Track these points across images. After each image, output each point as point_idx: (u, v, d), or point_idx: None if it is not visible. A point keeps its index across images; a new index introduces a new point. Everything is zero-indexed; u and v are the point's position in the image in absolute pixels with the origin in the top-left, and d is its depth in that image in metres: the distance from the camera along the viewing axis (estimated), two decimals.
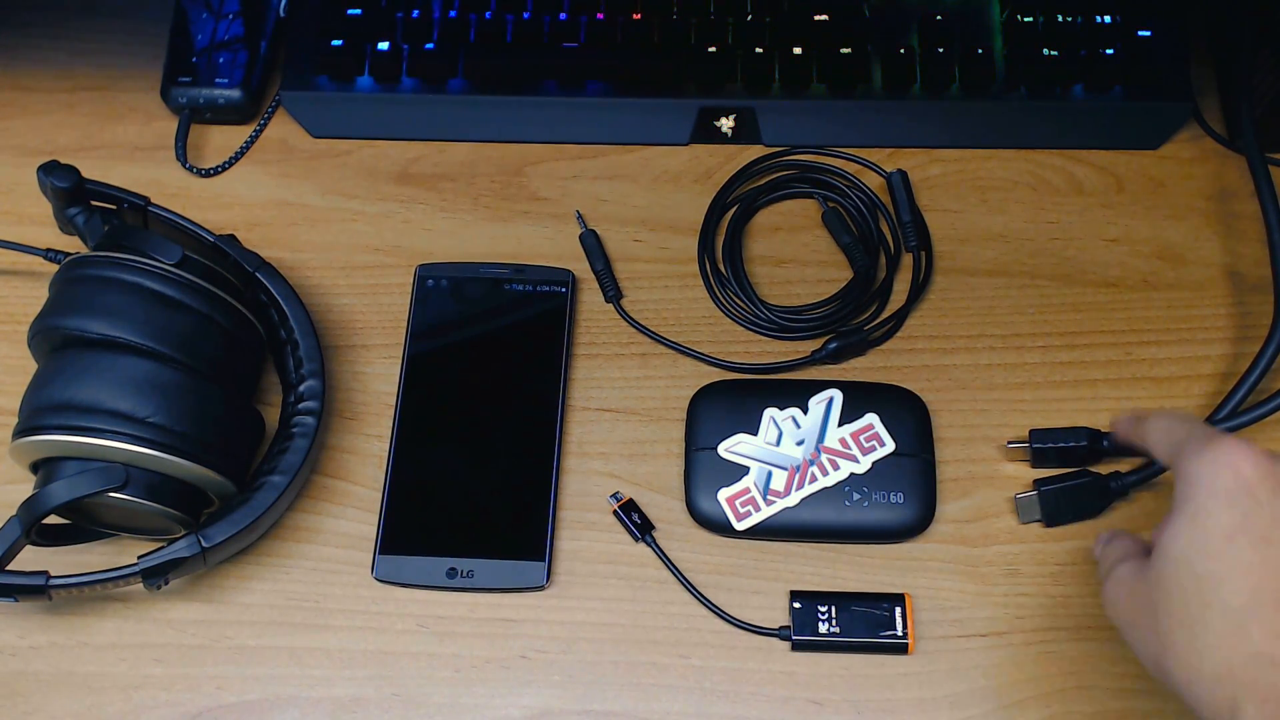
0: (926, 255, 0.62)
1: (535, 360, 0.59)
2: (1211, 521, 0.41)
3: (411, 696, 0.53)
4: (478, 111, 0.66)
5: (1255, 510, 0.40)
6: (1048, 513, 0.55)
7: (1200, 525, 0.41)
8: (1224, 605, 0.39)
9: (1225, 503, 0.41)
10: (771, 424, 0.56)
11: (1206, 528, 0.41)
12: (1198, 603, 0.40)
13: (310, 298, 0.60)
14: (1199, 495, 0.41)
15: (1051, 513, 0.55)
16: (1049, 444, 0.55)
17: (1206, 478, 0.41)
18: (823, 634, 0.52)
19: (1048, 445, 0.55)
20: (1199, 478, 0.42)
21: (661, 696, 0.52)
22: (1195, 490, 0.41)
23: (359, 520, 0.56)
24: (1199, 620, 0.40)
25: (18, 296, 0.62)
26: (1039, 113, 0.64)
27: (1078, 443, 0.55)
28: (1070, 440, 0.55)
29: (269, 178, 0.65)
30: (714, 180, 0.65)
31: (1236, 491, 0.41)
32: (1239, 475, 0.41)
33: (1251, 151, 0.60)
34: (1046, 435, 0.56)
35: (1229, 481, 0.41)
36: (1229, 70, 0.65)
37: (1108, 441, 0.55)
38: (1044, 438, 0.56)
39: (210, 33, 0.67)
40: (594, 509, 0.56)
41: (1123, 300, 0.61)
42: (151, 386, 0.50)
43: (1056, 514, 0.55)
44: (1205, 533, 0.41)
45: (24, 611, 0.54)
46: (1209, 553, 0.40)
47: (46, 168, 0.56)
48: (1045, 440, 0.56)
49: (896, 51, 0.65)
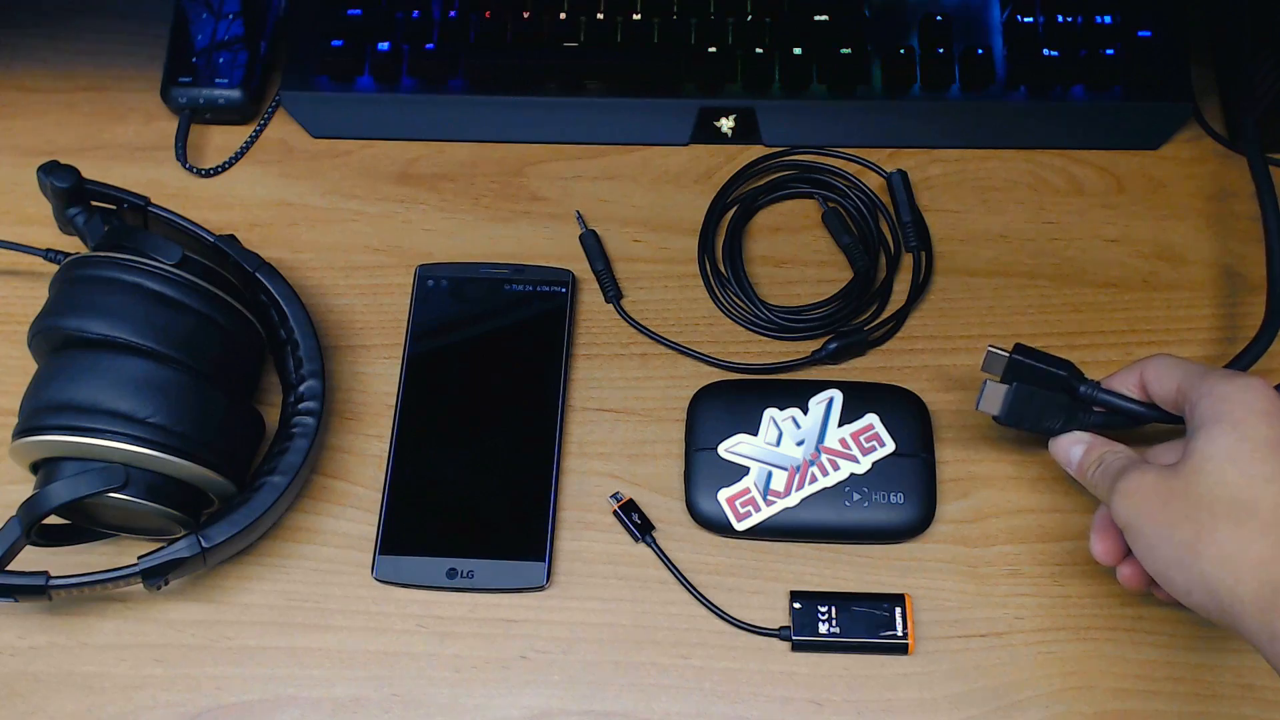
0: (926, 255, 0.62)
1: (535, 360, 0.59)
2: (1253, 433, 0.43)
3: (411, 696, 0.53)
4: (478, 111, 0.66)
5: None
6: (1011, 407, 0.51)
7: (1242, 435, 0.43)
8: (1273, 508, 0.41)
9: (1264, 420, 0.43)
10: (771, 424, 0.56)
11: (1250, 437, 0.43)
12: (1244, 507, 0.42)
13: (310, 298, 0.60)
14: (1236, 411, 0.44)
15: (1015, 409, 0.51)
16: (1029, 360, 0.52)
17: (1240, 396, 0.44)
18: (823, 634, 0.52)
19: (1027, 361, 0.52)
20: (1231, 397, 0.44)
21: (661, 696, 0.52)
22: (1232, 406, 0.44)
23: (359, 520, 0.56)
24: (1244, 523, 0.42)
25: (18, 296, 0.62)
26: (1039, 113, 0.64)
27: (1056, 369, 0.52)
28: (1051, 365, 0.52)
29: (269, 178, 0.65)
30: (714, 180, 0.65)
31: (1273, 412, 0.44)
32: (1272, 399, 0.44)
33: (1252, 152, 0.59)
34: (1029, 353, 0.52)
35: (1265, 403, 0.44)
36: (1229, 70, 0.65)
37: (1084, 388, 0.51)
38: (1026, 354, 0.52)
39: (210, 33, 0.67)
40: (594, 509, 0.56)
41: (1123, 300, 0.61)
42: (151, 387, 0.50)
43: (1019, 414, 0.51)
44: (1250, 442, 0.43)
45: (24, 611, 0.54)
46: (1256, 458, 0.43)
47: (46, 168, 0.56)
48: (1027, 356, 0.52)
49: (896, 51, 0.65)
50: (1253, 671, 0.52)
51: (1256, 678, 0.52)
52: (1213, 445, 0.44)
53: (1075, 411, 0.52)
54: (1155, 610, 0.53)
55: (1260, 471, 0.42)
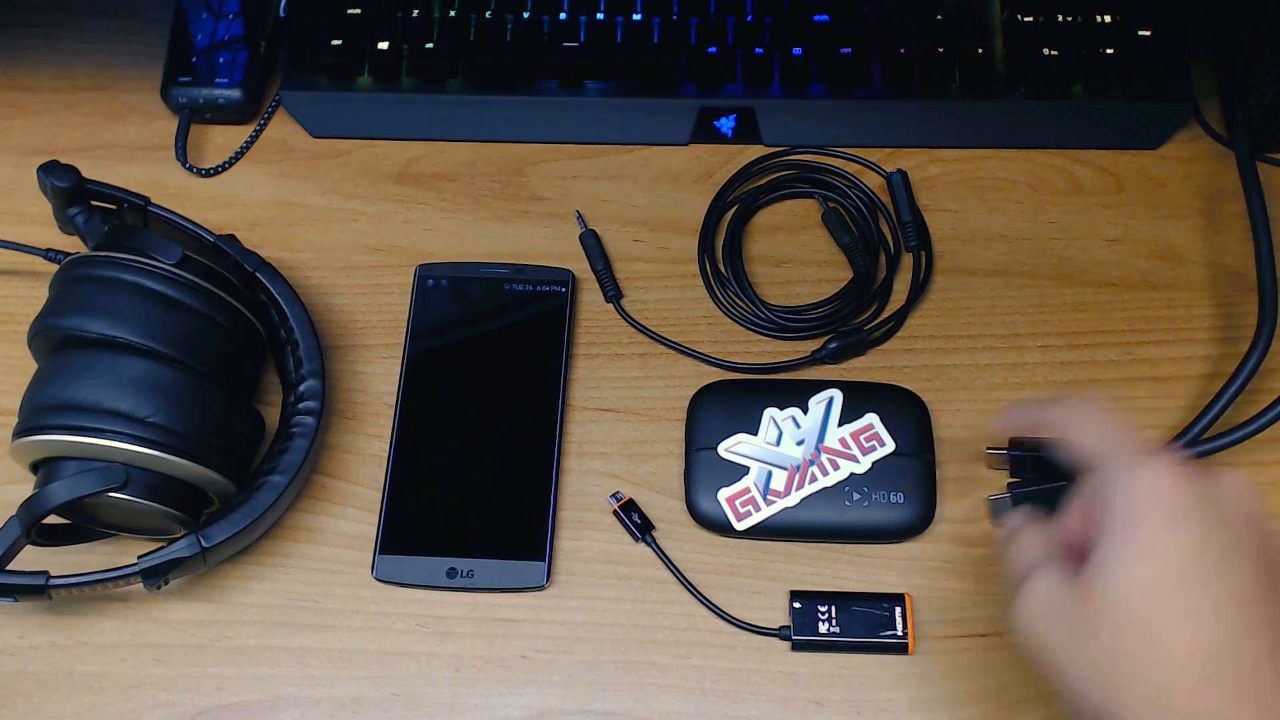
0: (926, 255, 0.62)
1: (535, 360, 0.59)
2: (1159, 559, 0.39)
3: (411, 696, 0.53)
4: (478, 111, 0.66)
5: (1202, 548, 0.39)
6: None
7: (1147, 561, 0.39)
8: (1158, 663, 0.38)
9: (1171, 535, 0.39)
10: (771, 424, 0.56)
11: (1155, 564, 0.39)
12: (1136, 653, 0.38)
13: (310, 298, 0.60)
14: (1146, 518, 0.39)
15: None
16: (1027, 453, 0.55)
17: (1150, 498, 0.40)
18: (823, 634, 0.52)
19: (1025, 454, 0.55)
20: (1141, 498, 0.40)
21: (661, 696, 0.52)
22: (1141, 511, 0.40)
23: (359, 520, 0.56)
24: (1132, 671, 0.38)
25: (18, 296, 0.62)
26: (1039, 113, 0.64)
27: (1055, 454, 0.54)
28: (1049, 450, 0.54)
29: (269, 178, 0.65)
30: (714, 180, 0.65)
31: (1179, 521, 0.39)
32: (1180, 503, 0.39)
33: (1240, 151, 0.60)
34: (1025, 444, 0.55)
35: (1171, 511, 0.39)
36: (1229, 70, 0.65)
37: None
38: (1023, 446, 0.55)
39: (210, 33, 0.67)
40: (594, 509, 0.56)
41: (1123, 300, 0.61)
42: (151, 386, 0.50)
43: None
44: (1153, 570, 0.39)
45: (24, 611, 0.54)
46: (1152, 596, 0.38)
47: (46, 168, 0.56)
48: (1024, 449, 0.55)
49: (896, 51, 0.65)
50: None
51: None
52: (1115, 572, 0.39)
53: None
54: None
55: (1153, 619, 0.38)
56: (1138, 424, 0.57)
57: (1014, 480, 0.56)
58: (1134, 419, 0.58)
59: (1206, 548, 0.39)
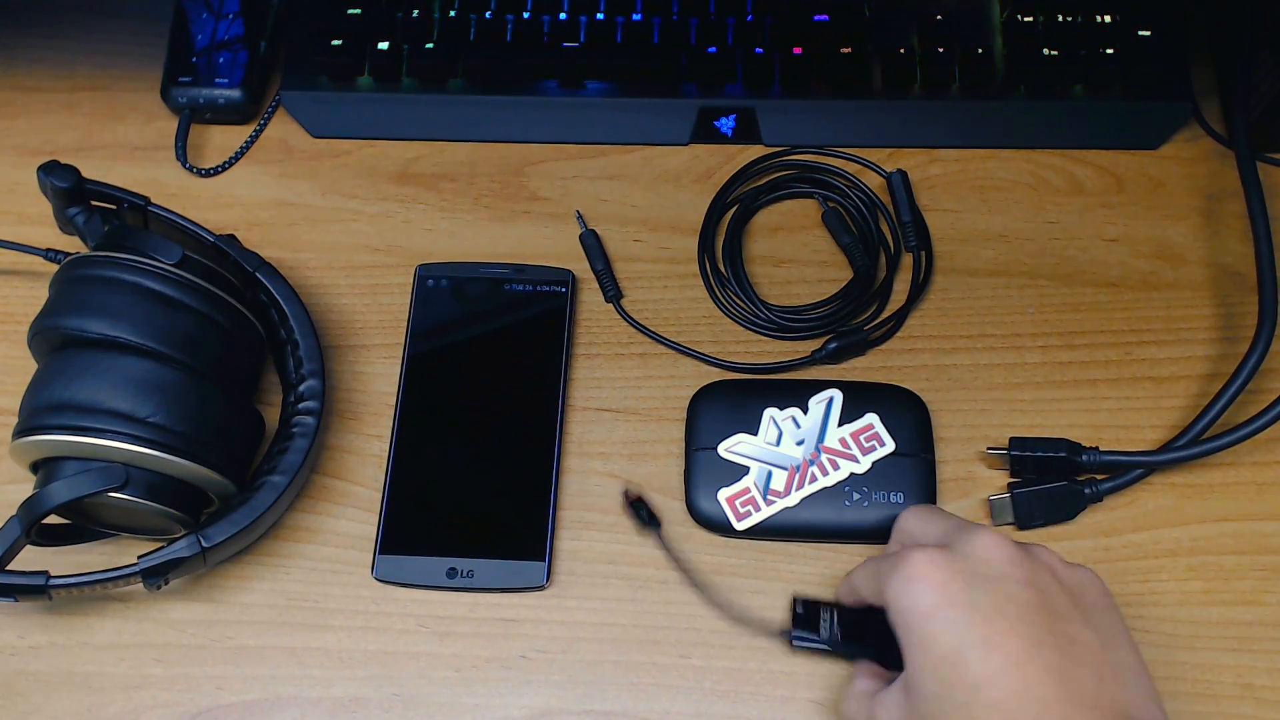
0: (926, 255, 0.62)
1: (535, 360, 0.59)
2: (932, 649, 0.42)
3: (411, 696, 0.53)
4: (478, 111, 0.66)
5: (968, 617, 0.42)
6: (1020, 515, 0.55)
7: (926, 655, 0.42)
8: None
9: (937, 625, 0.43)
10: (771, 424, 0.56)
11: (931, 655, 0.42)
12: None
13: (310, 298, 0.60)
14: (914, 624, 0.43)
15: (1024, 515, 0.55)
16: (1027, 453, 0.55)
17: (909, 601, 0.43)
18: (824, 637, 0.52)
19: (1025, 454, 0.55)
20: (903, 605, 0.44)
21: (661, 696, 0.52)
22: (908, 619, 0.43)
23: (359, 520, 0.56)
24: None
25: (18, 296, 0.62)
26: (1039, 113, 0.64)
27: (1055, 453, 0.55)
28: (1049, 450, 0.55)
29: (269, 178, 0.65)
30: (714, 180, 0.65)
31: (941, 604, 0.43)
32: (934, 585, 0.43)
33: (1240, 150, 0.60)
34: (1025, 444, 0.56)
35: (931, 597, 0.43)
36: (1229, 70, 0.65)
37: (1085, 456, 0.55)
38: (1022, 446, 0.55)
39: (210, 33, 0.67)
40: (594, 509, 0.56)
41: (1123, 300, 0.61)
42: (151, 386, 0.50)
43: (1029, 517, 0.55)
44: (934, 662, 0.42)
45: (24, 611, 0.54)
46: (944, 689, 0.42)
47: (46, 168, 0.56)
48: (1024, 449, 0.55)
49: (896, 51, 0.65)
50: (1252, 671, 0.52)
51: (1256, 677, 0.52)
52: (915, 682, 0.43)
53: (1081, 489, 0.55)
54: (1155, 610, 0.53)
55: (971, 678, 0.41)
56: (1137, 424, 0.57)
57: (1014, 480, 0.56)
58: (1134, 419, 0.58)
59: (971, 618, 0.42)
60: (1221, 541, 0.55)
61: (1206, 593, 0.54)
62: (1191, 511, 0.55)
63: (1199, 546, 0.55)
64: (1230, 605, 0.53)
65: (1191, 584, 0.54)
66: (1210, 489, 0.56)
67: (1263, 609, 0.53)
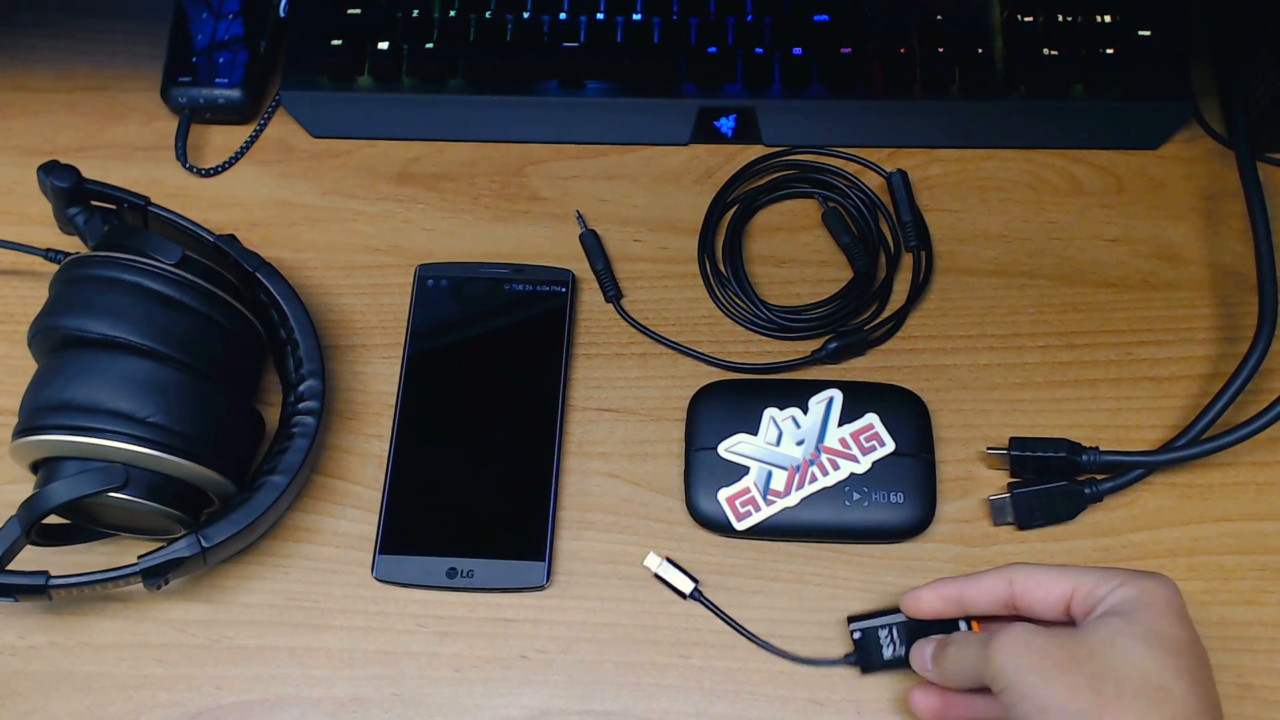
0: (926, 255, 0.62)
1: (535, 360, 0.59)
2: (1168, 628, 0.44)
3: (411, 696, 0.53)
4: (478, 111, 0.66)
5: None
6: (1020, 515, 0.55)
7: (1158, 627, 0.44)
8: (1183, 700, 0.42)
9: (1177, 619, 0.45)
10: (771, 424, 0.56)
11: (1164, 631, 0.44)
12: (1156, 691, 0.42)
13: (310, 298, 0.61)
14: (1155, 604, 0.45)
15: (1024, 516, 0.55)
16: (1027, 453, 0.55)
17: (1157, 592, 0.45)
18: (889, 658, 0.51)
19: (1025, 454, 0.55)
20: (1148, 591, 0.45)
21: (661, 696, 0.52)
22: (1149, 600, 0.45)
23: (359, 520, 0.56)
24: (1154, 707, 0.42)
25: (18, 296, 0.62)
26: (1039, 113, 0.64)
27: (1055, 453, 0.55)
28: (1049, 450, 0.55)
29: (269, 178, 0.65)
30: (714, 180, 0.65)
31: (1183, 614, 0.45)
32: (1181, 602, 0.46)
33: (1241, 151, 0.60)
34: (1025, 444, 0.56)
35: (1178, 602, 0.45)
36: (1229, 70, 0.65)
37: (1085, 456, 0.55)
38: (1022, 446, 0.55)
39: (210, 33, 0.67)
40: (594, 509, 0.56)
41: (1123, 300, 0.61)
42: (151, 386, 0.50)
43: (1029, 517, 0.55)
44: (1164, 636, 0.44)
45: (24, 611, 0.54)
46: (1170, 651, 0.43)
47: (46, 168, 0.56)
48: (1024, 449, 0.55)
49: (896, 51, 0.65)
50: (1252, 671, 0.52)
51: (1256, 677, 0.52)
52: (1129, 627, 0.44)
53: (1081, 489, 0.55)
54: None
55: (1172, 664, 0.43)
56: (1137, 424, 0.57)
57: (1014, 480, 0.56)
58: (1134, 419, 0.58)
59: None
60: (1221, 541, 0.55)
61: (1206, 593, 0.54)
62: (1191, 511, 0.56)
63: (1199, 546, 0.55)
64: (1230, 605, 0.53)
65: (1191, 584, 0.54)
66: (1210, 489, 0.56)
67: (1263, 609, 0.53)
